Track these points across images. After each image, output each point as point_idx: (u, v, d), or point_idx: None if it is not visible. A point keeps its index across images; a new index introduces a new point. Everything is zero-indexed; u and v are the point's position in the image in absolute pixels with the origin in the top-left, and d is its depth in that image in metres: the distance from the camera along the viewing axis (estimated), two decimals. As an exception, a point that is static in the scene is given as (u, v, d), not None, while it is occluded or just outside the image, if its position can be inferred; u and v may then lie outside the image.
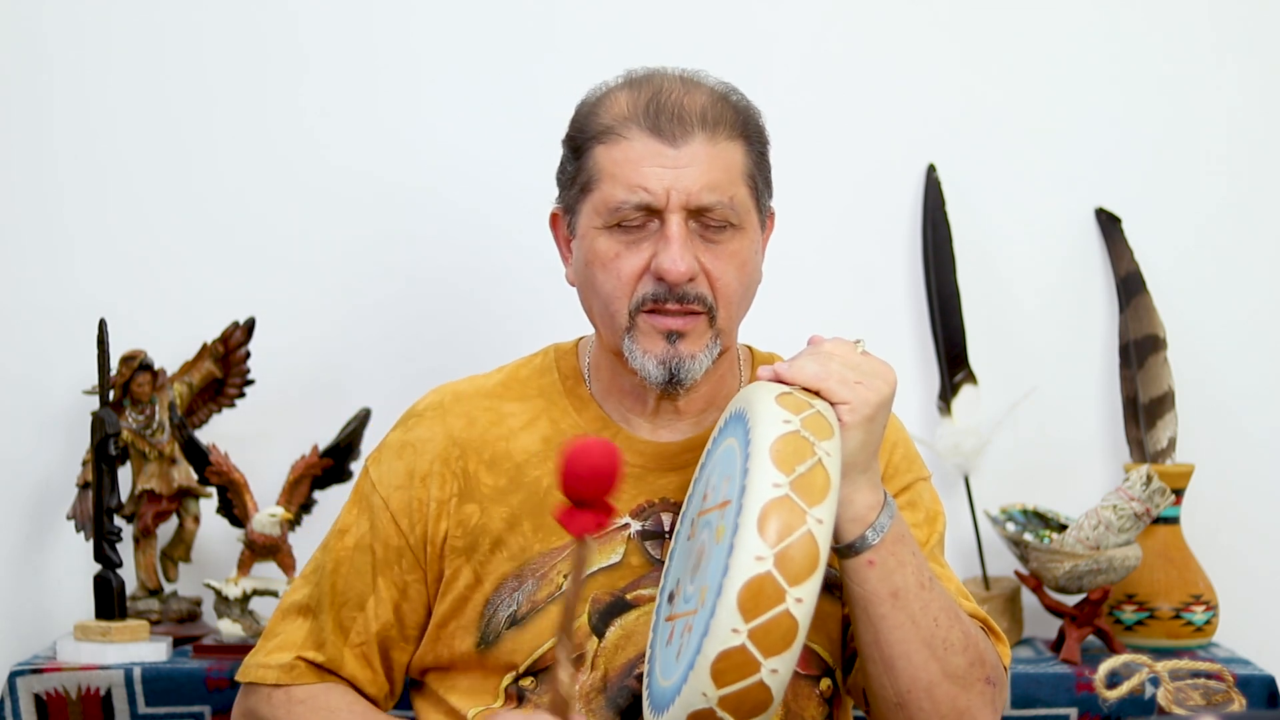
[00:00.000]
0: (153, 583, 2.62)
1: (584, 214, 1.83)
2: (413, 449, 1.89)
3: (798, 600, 1.52)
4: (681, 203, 1.77)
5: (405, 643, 1.90)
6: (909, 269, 2.75)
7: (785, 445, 1.57)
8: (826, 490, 1.56)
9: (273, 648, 1.91)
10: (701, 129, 1.79)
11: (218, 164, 2.71)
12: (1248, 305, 2.76)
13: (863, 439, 1.67)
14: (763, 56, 2.73)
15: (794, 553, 1.52)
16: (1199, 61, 2.76)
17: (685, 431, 1.88)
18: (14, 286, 2.69)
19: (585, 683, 1.81)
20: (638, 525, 1.84)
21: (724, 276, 1.80)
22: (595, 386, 1.90)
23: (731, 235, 1.80)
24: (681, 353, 1.79)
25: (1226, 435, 2.75)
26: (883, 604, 1.71)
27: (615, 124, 1.80)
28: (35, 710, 2.37)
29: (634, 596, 1.83)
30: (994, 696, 1.78)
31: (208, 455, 2.51)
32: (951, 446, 2.66)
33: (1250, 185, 2.77)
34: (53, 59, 2.70)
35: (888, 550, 1.70)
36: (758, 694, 1.53)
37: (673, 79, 1.83)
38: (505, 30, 2.72)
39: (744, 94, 1.87)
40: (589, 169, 1.82)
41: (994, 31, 2.76)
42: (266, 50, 2.72)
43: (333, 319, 2.71)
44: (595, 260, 1.81)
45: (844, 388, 1.67)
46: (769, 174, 1.88)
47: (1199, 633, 2.58)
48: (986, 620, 1.86)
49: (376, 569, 1.88)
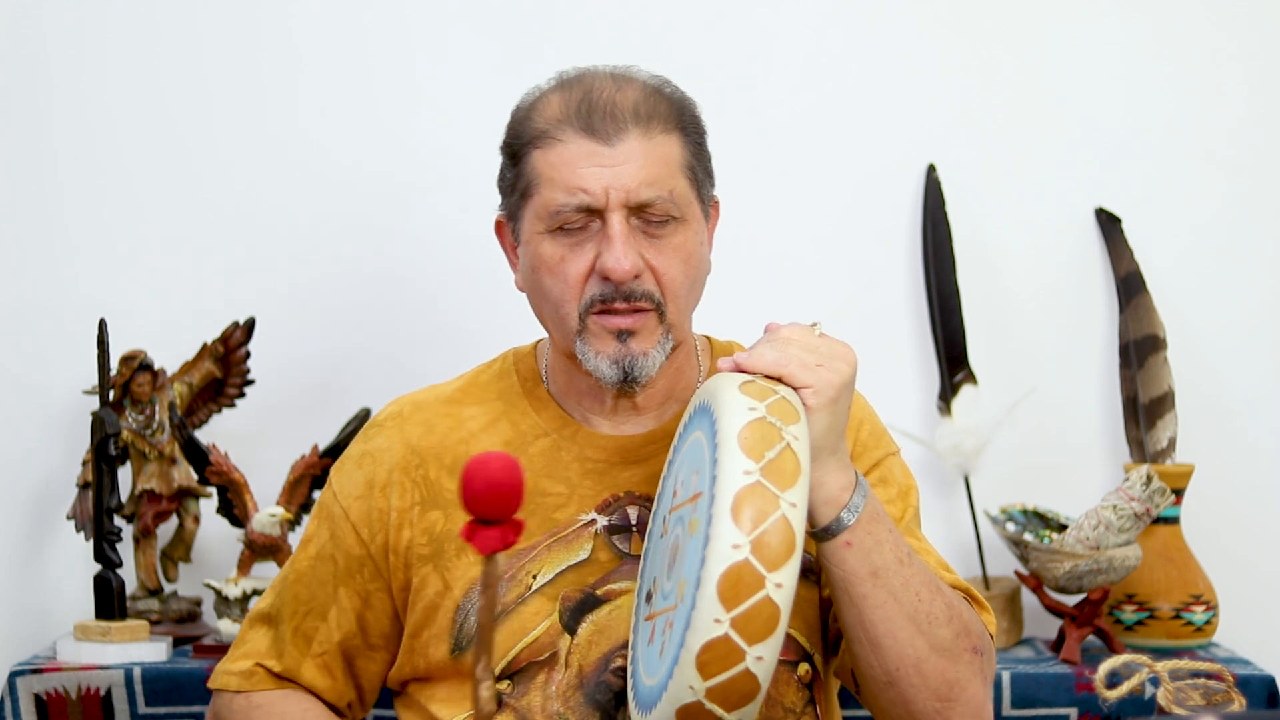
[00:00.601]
0: (153, 583, 2.62)
1: (526, 220, 1.83)
2: (372, 459, 1.90)
3: (778, 585, 1.52)
4: (621, 200, 1.78)
5: (371, 650, 1.91)
6: (909, 269, 2.75)
7: (753, 432, 1.57)
8: (797, 474, 1.56)
9: (238, 655, 1.94)
10: (635, 125, 1.79)
11: (218, 164, 2.71)
12: (1248, 305, 2.76)
13: (829, 421, 1.67)
14: (763, 56, 2.74)
15: (770, 538, 1.52)
16: (1199, 62, 2.76)
17: (646, 425, 1.88)
18: (14, 286, 2.69)
19: (561, 681, 1.81)
20: (604, 520, 1.84)
21: (670, 271, 1.80)
22: (553, 387, 1.91)
23: (675, 229, 1.81)
24: (634, 351, 1.80)
25: (1226, 435, 2.75)
26: (863, 584, 1.70)
27: (549, 127, 1.80)
28: (35, 710, 2.37)
29: (604, 591, 1.83)
30: (982, 665, 1.77)
31: (208, 455, 2.51)
32: (951, 446, 2.66)
33: (1250, 185, 2.77)
34: (52, 59, 2.70)
35: (864, 530, 1.70)
36: (745, 683, 1.53)
37: (604, 77, 1.83)
38: (505, 31, 2.72)
39: (677, 85, 1.87)
40: (527, 174, 1.82)
41: (994, 31, 2.76)
42: (265, 50, 2.72)
43: (332, 319, 2.71)
44: (541, 265, 1.81)
45: (805, 371, 1.66)
46: (708, 163, 1.88)
47: (1199, 633, 2.58)
48: (969, 589, 1.85)
49: (338, 579, 1.89)
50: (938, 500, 2.72)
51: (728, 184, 2.73)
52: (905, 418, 2.71)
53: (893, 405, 2.70)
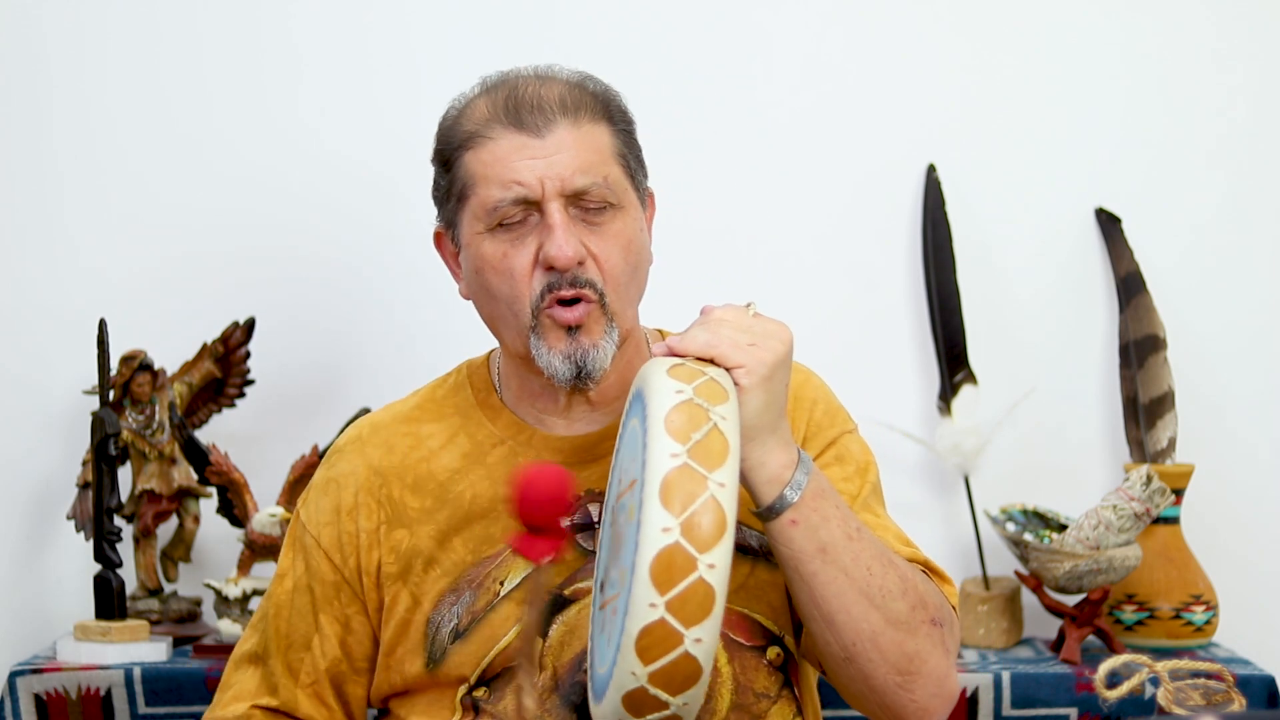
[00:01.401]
0: (153, 583, 2.62)
1: (465, 223, 1.83)
2: (336, 484, 1.91)
3: (710, 566, 1.51)
4: (557, 189, 1.78)
5: (357, 675, 1.91)
6: (909, 269, 2.75)
7: (679, 415, 1.56)
8: (725, 454, 1.55)
9: (228, 699, 1.93)
10: (563, 115, 1.80)
11: (218, 164, 2.71)
12: (1248, 305, 2.76)
13: (764, 400, 1.66)
14: (763, 56, 2.74)
15: (700, 519, 1.52)
16: (1199, 62, 2.76)
17: (600, 421, 1.88)
18: (14, 286, 2.70)
19: (537, 683, 1.81)
20: (567, 520, 1.84)
21: (610, 257, 1.80)
22: (506, 394, 1.90)
23: (613, 215, 1.81)
24: (584, 344, 1.80)
25: (1226, 435, 2.75)
26: (812, 561, 1.70)
27: (479, 128, 1.81)
28: (35, 710, 2.37)
29: (572, 591, 1.83)
30: (943, 637, 1.76)
31: (208, 455, 2.51)
32: (951, 446, 2.66)
33: (1250, 185, 2.77)
34: (52, 59, 2.70)
35: (809, 507, 1.69)
36: (686, 665, 1.53)
37: (527, 75, 1.84)
38: (506, 31, 2.71)
39: (600, 79, 1.87)
40: (461, 177, 1.82)
41: (994, 32, 2.76)
42: (266, 50, 2.72)
43: (332, 319, 2.71)
44: (484, 266, 1.82)
45: (736, 351, 1.66)
46: (640, 154, 1.88)
47: (1199, 633, 2.58)
48: (928, 563, 1.84)
49: (317, 607, 1.89)
50: (938, 500, 2.72)
51: (728, 184, 2.75)
52: (905, 418, 2.71)
53: (893, 405, 2.71)
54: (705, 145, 2.73)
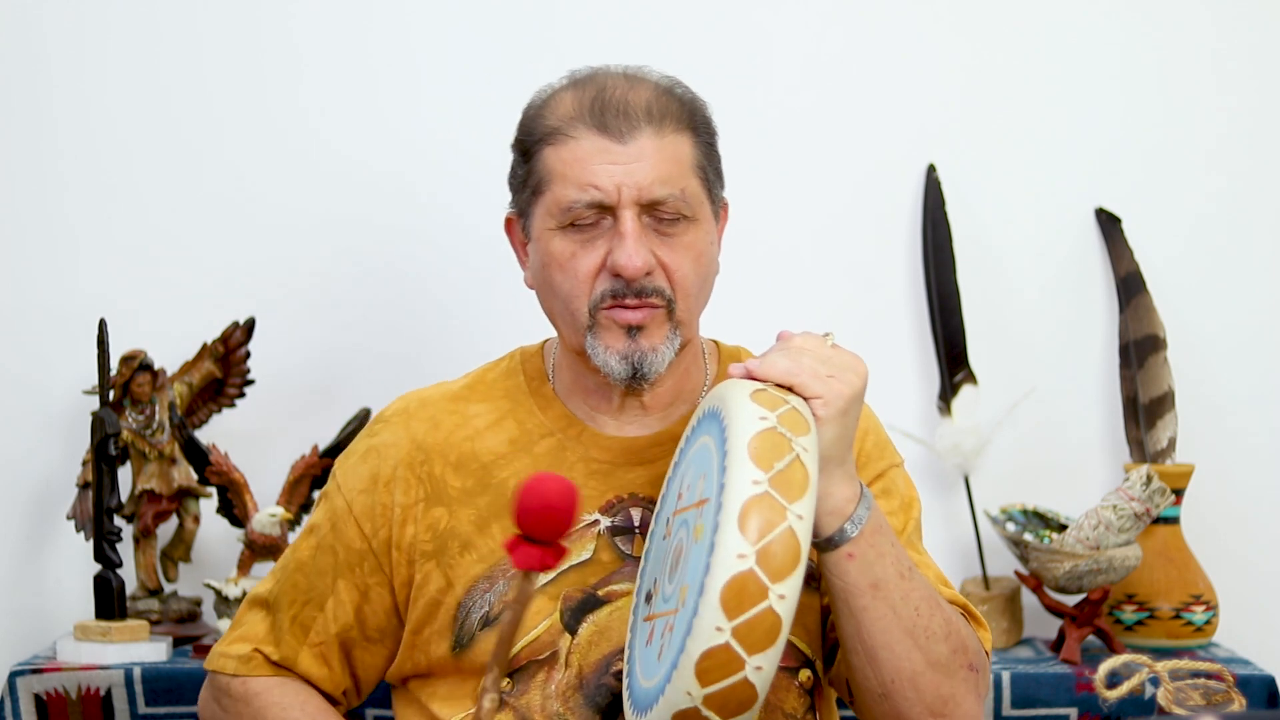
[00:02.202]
0: (153, 583, 2.62)
1: (537, 216, 1.83)
2: (377, 454, 1.90)
3: (780, 597, 1.52)
4: (633, 198, 1.78)
5: (368, 643, 1.91)
6: (909, 269, 2.75)
7: (763, 442, 1.57)
8: (805, 486, 1.56)
9: (235, 638, 1.94)
10: (648, 123, 1.79)
11: (218, 163, 2.71)
12: (1247, 305, 2.76)
13: (838, 432, 1.67)
14: (763, 56, 2.74)
15: (775, 549, 1.52)
16: (1199, 62, 2.76)
17: (652, 426, 1.88)
18: (14, 286, 2.69)
19: (561, 681, 1.81)
20: (607, 521, 1.84)
21: (680, 268, 1.80)
22: (559, 386, 1.90)
23: (686, 227, 1.81)
24: (643, 346, 1.80)
25: (1226, 435, 2.75)
26: (863, 596, 1.70)
27: (562, 124, 1.81)
28: (35, 710, 2.37)
29: (606, 592, 1.83)
30: (977, 682, 1.78)
31: (208, 455, 2.51)
32: (951, 446, 2.66)
33: (1250, 185, 2.77)
34: (52, 59, 2.70)
35: (866, 542, 1.70)
36: (742, 692, 1.53)
37: (616, 76, 1.83)
38: (506, 30, 2.72)
39: (689, 86, 1.87)
40: (539, 171, 1.82)
41: (994, 31, 2.76)
42: (266, 49, 2.72)
43: (332, 319, 2.71)
44: (551, 262, 1.82)
45: (817, 382, 1.67)
46: (719, 165, 1.88)
47: (1199, 633, 2.58)
48: (966, 606, 1.85)
49: (337, 571, 1.89)
50: (938, 500, 2.72)
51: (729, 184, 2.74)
52: (905, 418, 2.71)
53: (893, 405, 2.70)
54: (705, 145, 2.73)
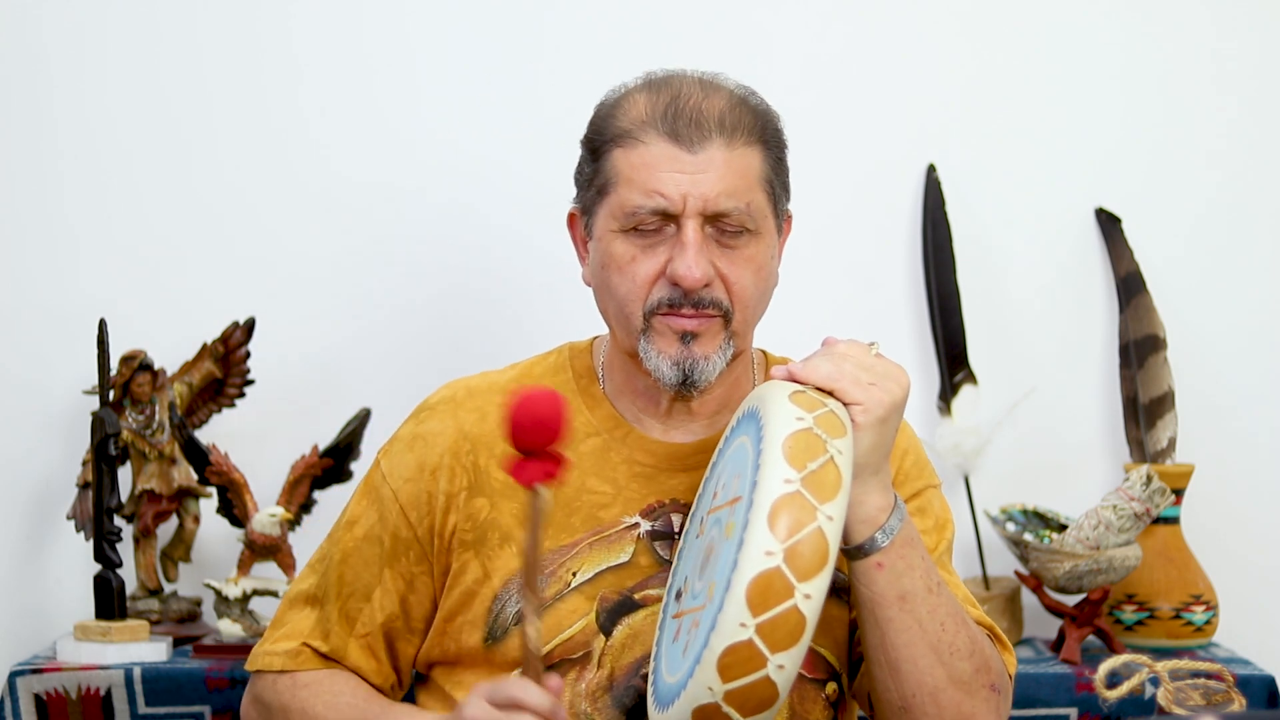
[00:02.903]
0: (153, 583, 2.62)
1: (601, 216, 1.83)
2: (424, 442, 1.89)
3: (806, 596, 1.52)
4: (698, 209, 1.78)
5: (411, 634, 1.90)
6: (909, 269, 2.75)
7: (798, 442, 1.57)
8: (838, 488, 1.56)
9: (279, 636, 1.92)
10: (719, 134, 1.79)
11: (218, 164, 2.71)
12: (1248, 305, 2.76)
13: (874, 440, 1.68)
14: (763, 56, 2.73)
15: (804, 549, 1.53)
16: (1199, 62, 2.76)
17: (698, 433, 1.88)
18: (14, 286, 2.69)
19: (591, 681, 1.81)
20: (647, 525, 1.84)
21: (740, 281, 1.80)
22: (608, 385, 1.90)
23: (748, 241, 1.81)
24: (695, 354, 1.80)
25: (1226, 435, 2.75)
26: (890, 607, 1.71)
27: (633, 128, 1.80)
28: (35, 710, 2.37)
29: (642, 596, 1.83)
30: (998, 704, 1.78)
31: (208, 455, 2.51)
32: (951, 446, 2.66)
33: (1250, 185, 2.77)
34: (52, 59, 2.70)
35: (896, 553, 1.70)
36: (764, 689, 1.53)
37: (692, 82, 1.83)
38: (506, 30, 2.72)
39: (763, 98, 1.87)
40: (606, 172, 1.82)
41: (994, 31, 2.76)
42: (265, 51, 2.72)
43: (332, 319, 2.71)
44: (611, 263, 1.81)
45: (857, 388, 1.67)
46: (786, 178, 1.88)
47: (1199, 633, 2.58)
48: (993, 628, 1.86)
49: (384, 560, 1.89)
50: (938, 500, 2.72)
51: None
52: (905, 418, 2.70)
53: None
54: (705, 145, 2.73)
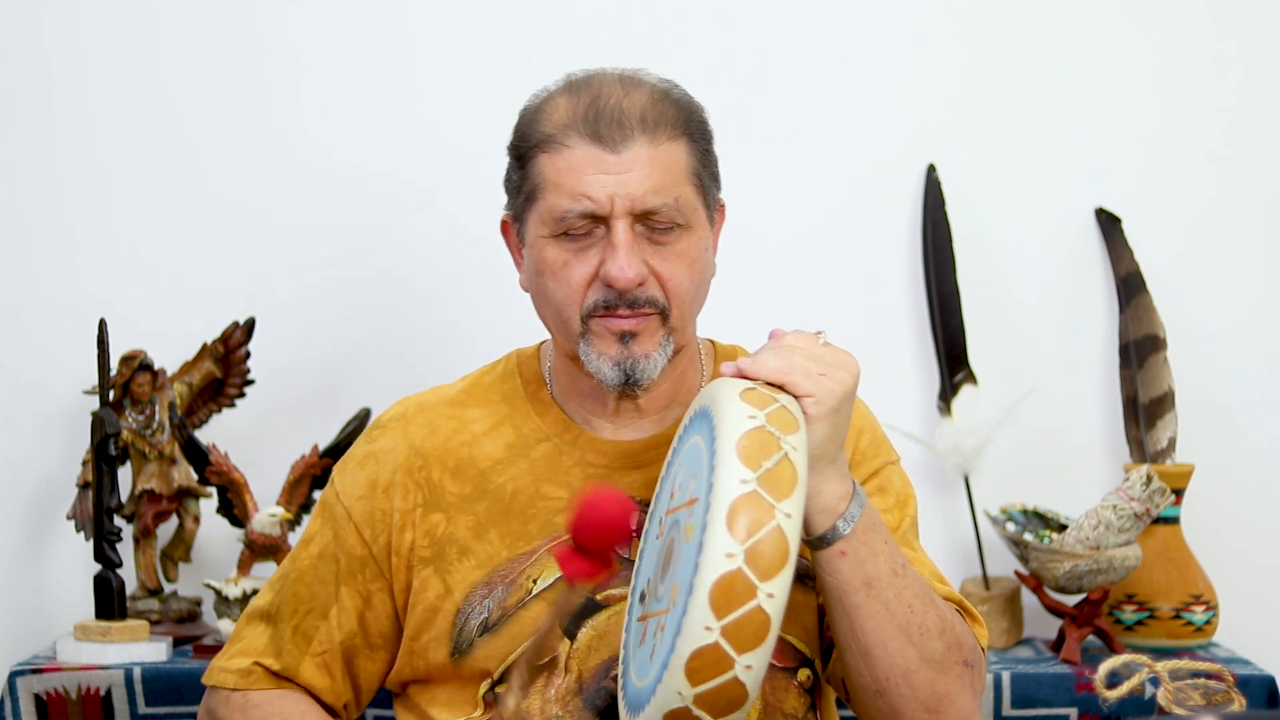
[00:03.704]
0: (153, 583, 2.62)
1: (531, 223, 1.83)
2: (375, 460, 1.90)
3: (769, 595, 1.52)
4: (626, 208, 1.77)
5: (371, 651, 1.90)
6: (909, 269, 2.75)
7: (751, 441, 1.57)
8: (794, 484, 1.56)
9: (235, 652, 1.93)
10: (642, 132, 1.78)
11: (218, 164, 2.71)
12: (1248, 305, 2.76)
13: (829, 430, 1.67)
14: (763, 56, 2.74)
15: (764, 548, 1.52)
16: (1199, 62, 2.76)
17: (647, 429, 1.88)
18: (14, 286, 2.70)
19: (560, 685, 1.81)
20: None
21: (675, 277, 1.80)
22: (556, 390, 1.90)
23: (679, 235, 1.80)
24: (635, 353, 1.80)
25: (1226, 435, 2.75)
26: (856, 593, 1.70)
27: (556, 132, 1.80)
28: (35, 710, 2.37)
29: (604, 597, 1.83)
30: (972, 679, 1.77)
31: (208, 455, 2.51)
32: (951, 446, 2.66)
33: (1250, 185, 2.77)
34: (52, 59, 2.70)
35: (859, 540, 1.70)
36: (733, 691, 1.53)
37: (611, 81, 1.82)
38: (505, 30, 2.72)
39: (685, 90, 1.86)
40: (533, 178, 1.82)
41: (994, 31, 2.76)
42: (265, 50, 2.72)
43: (332, 319, 2.71)
44: (545, 269, 1.81)
45: (808, 380, 1.66)
46: (715, 169, 1.87)
47: (1199, 633, 2.58)
48: (962, 602, 1.85)
49: (340, 578, 1.89)
50: (938, 500, 2.72)
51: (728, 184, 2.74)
52: (905, 418, 2.71)
53: (893, 405, 2.70)
54: (705, 145, 2.73)
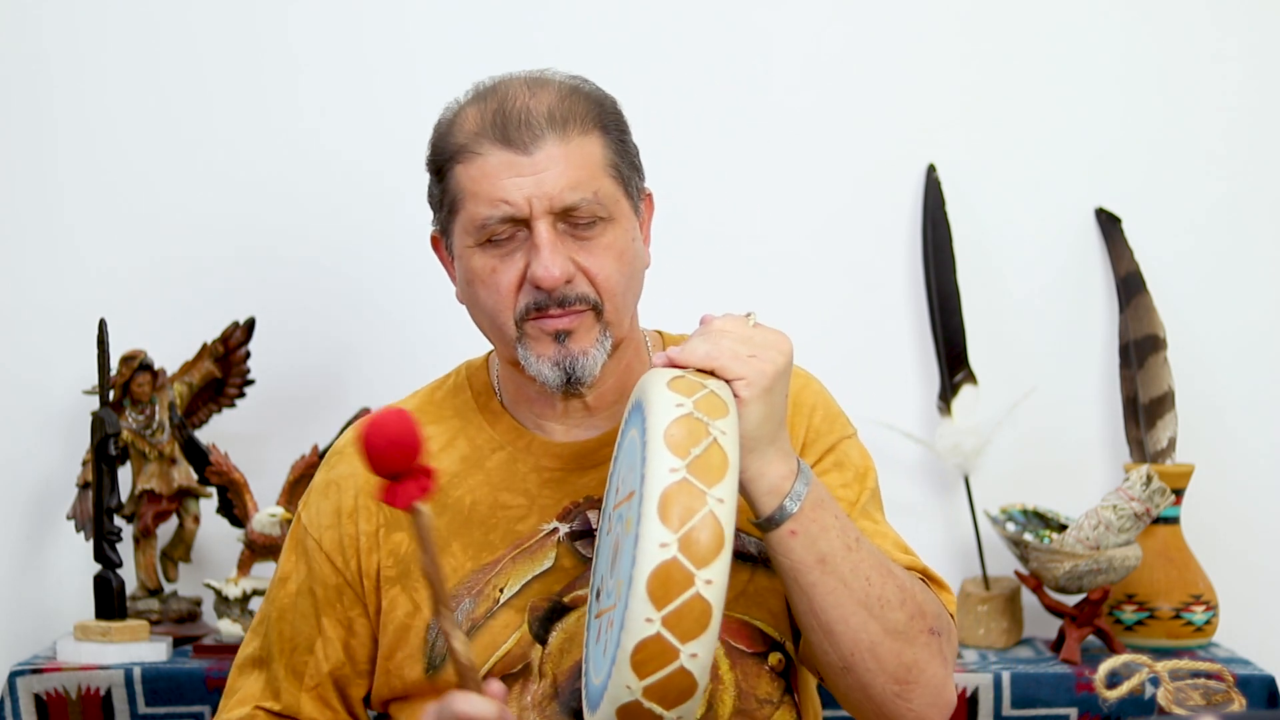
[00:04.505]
0: (153, 583, 2.62)
1: (457, 234, 1.83)
2: (336, 486, 1.90)
3: (707, 582, 1.51)
4: (545, 208, 1.77)
5: (360, 678, 1.90)
6: (909, 269, 2.75)
7: (679, 429, 1.56)
8: (725, 469, 1.55)
9: (233, 704, 1.92)
10: (551, 130, 1.78)
11: (218, 164, 2.71)
12: (1248, 305, 2.76)
13: (764, 411, 1.66)
14: (763, 56, 2.74)
15: (698, 535, 1.52)
16: (1199, 61, 2.76)
17: (600, 427, 1.88)
18: (14, 286, 2.70)
19: (536, 691, 1.80)
20: (565, 528, 1.84)
21: (603, 271, 1.79)
22: (505, 397, 1.90)
23: (604, 229, 1.80)
24: (573, 351, 1.79)
25: (1226, 435, 2.75)
26: (811, 571, 1.69)
27: (468, 141, 1.80)
28: (35, 710, 2.38)
29: (571, 599, 1.82)
30: (941, 646, 1.76)
31: (208, 455, 2.51)
32: (951, 446, 2.66)
33: (1250, 185, 2.77)
34: (52, 59, 2.70)
35: (808, 517, 1.68)
36: (680, 680, 1.53)
37: (518, 84, 1.82)
38: (505, 30, 2.72)
39: (594, 83, 1.85)
40: (452, 190, 1.81)
41: (994, 31, 2.76)
42: (265, 51, 2.72)
43: (332, 319, 2.71)
44: (474, 278, 1.81)
45: (737, 363, 1.65)
46: (634, 158, 1.86)
47: (1199, 633, 2.58)
48: (926, 570, 1.84)
49: (319, 610, 1.89)
50: (938, 500, 2.72)
51: (727, 183, 2.75)
52: (905, 418, 2.71)
53: (893, 405, 2.71)
54: (704, 145, 2.73)
